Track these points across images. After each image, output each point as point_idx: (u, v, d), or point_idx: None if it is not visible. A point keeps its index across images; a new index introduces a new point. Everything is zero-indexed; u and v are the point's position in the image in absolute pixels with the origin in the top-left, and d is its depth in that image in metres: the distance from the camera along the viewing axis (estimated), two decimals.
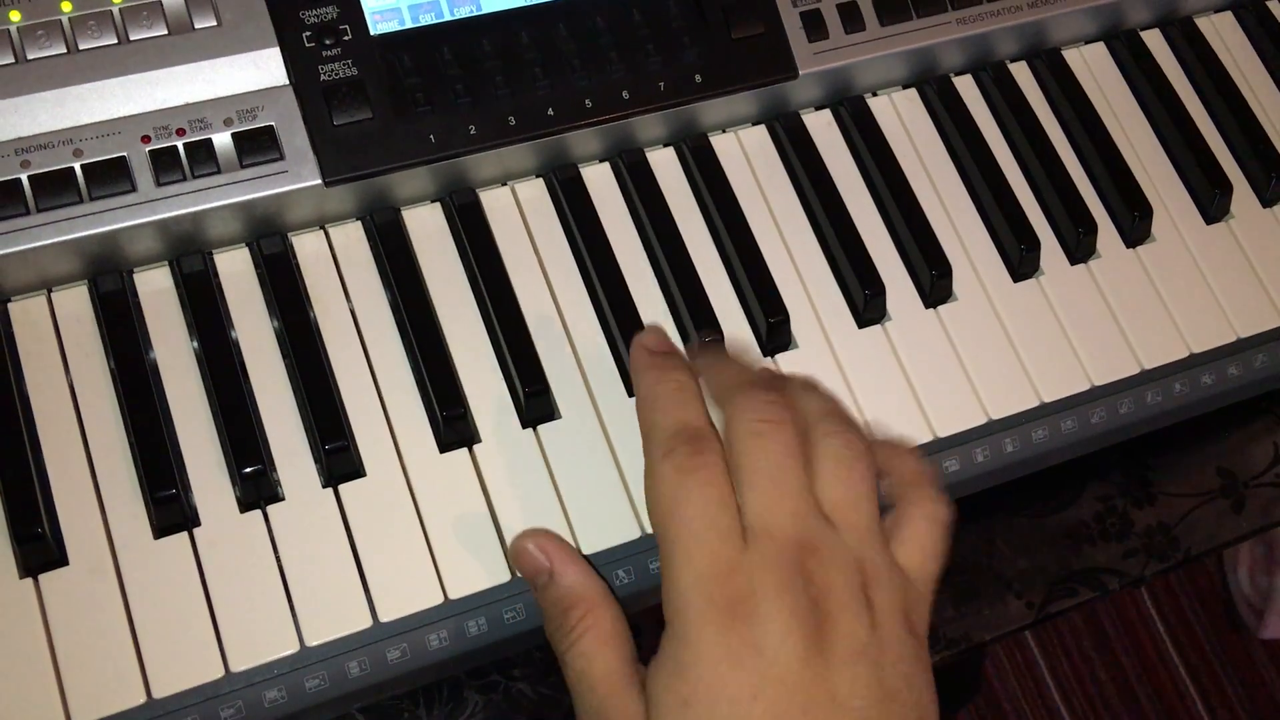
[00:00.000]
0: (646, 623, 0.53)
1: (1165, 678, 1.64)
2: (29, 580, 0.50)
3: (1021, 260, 0.63)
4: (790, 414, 0.47)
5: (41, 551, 0.50)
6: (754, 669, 0.42)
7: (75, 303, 0.55)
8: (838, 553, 0.44)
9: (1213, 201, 0.66)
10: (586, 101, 0.59)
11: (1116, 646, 1.65)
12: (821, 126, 0.65)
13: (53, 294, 0.56)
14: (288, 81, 0.56)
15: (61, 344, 0.55)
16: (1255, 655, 1.66)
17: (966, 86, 0.68)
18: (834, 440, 0.47)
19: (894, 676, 0.44)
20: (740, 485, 0.45)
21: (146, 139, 0.54)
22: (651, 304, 0.60)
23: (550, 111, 0.59)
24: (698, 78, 0.61)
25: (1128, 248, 0.65)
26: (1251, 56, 0.72)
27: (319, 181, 0.56)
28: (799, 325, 0.60)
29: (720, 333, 0.58)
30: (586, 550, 0.54)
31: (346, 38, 0.57)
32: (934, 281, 0.61)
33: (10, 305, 0.55)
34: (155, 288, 0.56)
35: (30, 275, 0.54)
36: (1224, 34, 0.72)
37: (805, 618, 0.43)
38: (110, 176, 0.53)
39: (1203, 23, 0.72)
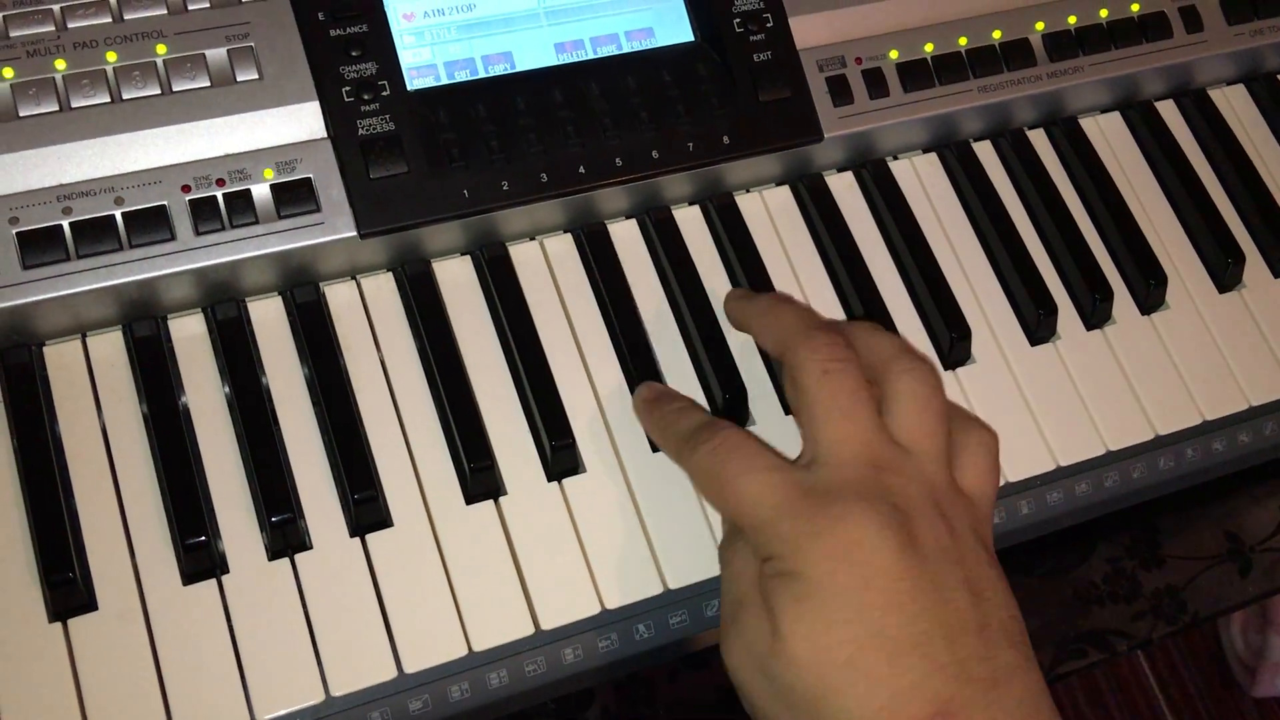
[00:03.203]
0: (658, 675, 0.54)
1: None
2: (58, 625, 0.51)
3: (1039, 324, 0.64)
4: (855, 354, 0.49)
5: (71, 596, 0.51)
6: (859, 561, 0.44)
7: (109, 347, 0.56)
8: (912, 472, 0.47)
9: (1225, 271, 0.67)
10: (617, 160, 0.60)
11: (1110, 703, 1.65)
12: (844, 188, 0.67)
13: (87, 338, 0.56)
14: (326, 135, 0.57)
15: (95, 388, 0.55)
16: (1247, 713, 1.66)
17: (986, 152, 0.69)
18: (909, 377, 0.49)
19: (978, 579, 0.46)
20: (813, 423, 0.48)
21: (187, 188, 0.55)
22: (675, 359, 0.60)
23: (581, 169, 0.60)
24: (725, 139, 0.62)
25: (1142, 314, 0.66)
26: (1263, 128, 0.74)
27: (354, 234, 0.56)
28: None
29: (744, 390, 0.59)
30: (608, 605, 0.55)
31: (384, 93, 0.58)
32: (953, 343, 0.62)
33: (46, 349, 0.56)
34: (189, 334, 0.57)
35: (67, 320, 0.55)
36: (1236, 106, 0.74)
37: (892, 518, 0.45)
38: (150, 225, 0.54)
39: (1215, 95, 0.74)
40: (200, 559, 0.52)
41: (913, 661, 0.44)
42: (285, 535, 0.53)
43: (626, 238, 0.63)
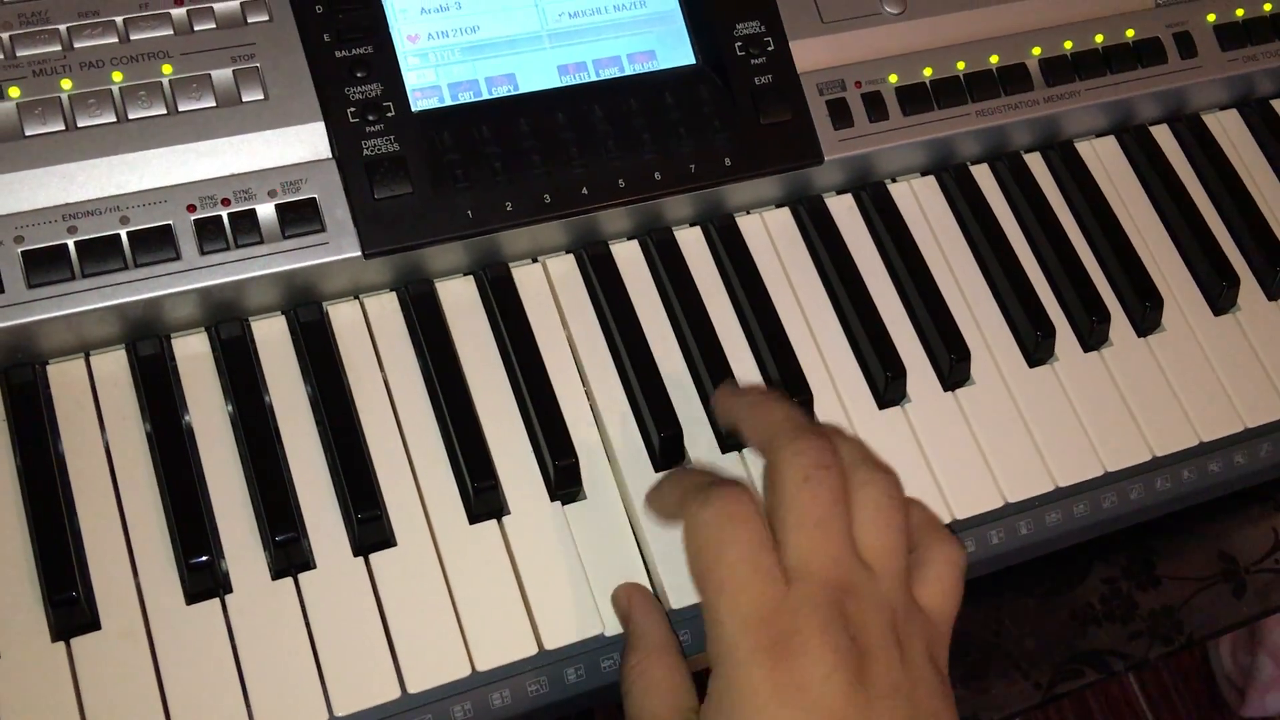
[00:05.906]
0: None
1: None
2: (61, 644, 0.50)
3: (1037, 346, 0.64)
4: (839, 462, 0.48)
5: (74, 615, 0.50)
6: (801, 706, 0.43)
7: (113, 366, 0.56)
8: (873, 596, 0.46)
9: (1220, 293, 0.68)
10: (619, 181, 0.61)
11: None
12: (843, 210, 0.67)
13: (91, 357, 0.56)
14: (331, 155, 0.57)
15: (99, 407, 0.55)
16: None
17: (983, 175, 0.70)
18: (873, 490, 0.48)
19: (925, 713, 0.45)
20: (785, 528, 0.47)
21: (192, 208, 0.55)
22: (678, 379, 0.61)
23: (584, 190, 0.60)
24: (727, 161, 0.62)
25: (1139, 337, 0.67)
26: (1256, 152, 0.75)
27: (358, 254, 0.57)
28: (821, 405, 0.61)
29: None
30: (610, 626, 0.55)
31: (389, 114, 0.58)
32: (953, 365, 0.63)
33: (49, 367, 0.56)
34: (193, 352, 0.57)
35: (71, 339, 0.55)
36: (1229, 130, 0.75)
37: (846, 655, 0.44)
38: (155, 244, 0.54)
39: (1209, 119, 0.75)
40: (204, 578, 0.52)
41: None
42: (289, 554, 0.53)
43: (628, 258, 0.63)
